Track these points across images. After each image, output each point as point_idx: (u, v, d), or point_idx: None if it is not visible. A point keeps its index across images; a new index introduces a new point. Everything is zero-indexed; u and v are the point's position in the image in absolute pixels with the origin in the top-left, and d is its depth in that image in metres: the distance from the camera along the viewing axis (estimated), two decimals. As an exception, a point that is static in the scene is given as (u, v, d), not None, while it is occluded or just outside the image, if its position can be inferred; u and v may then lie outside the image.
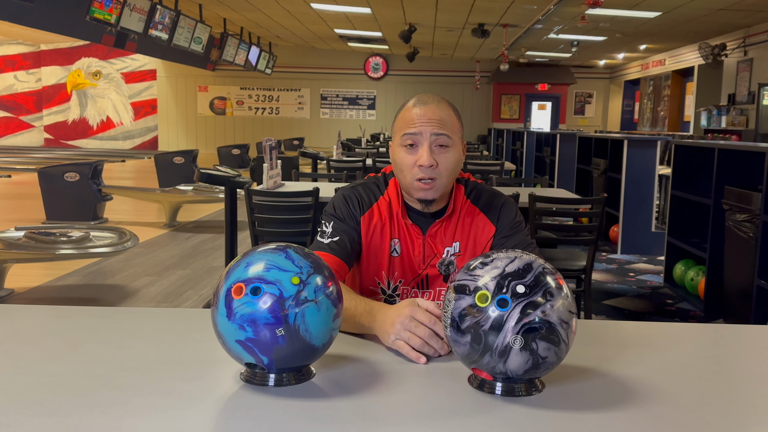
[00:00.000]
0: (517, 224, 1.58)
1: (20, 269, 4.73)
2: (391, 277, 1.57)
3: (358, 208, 1.57)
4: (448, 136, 1.47)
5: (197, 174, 4.22)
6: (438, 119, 1.46)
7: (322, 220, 1.58)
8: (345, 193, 1.60)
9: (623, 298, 4.61)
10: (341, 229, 1.54)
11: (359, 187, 1.61)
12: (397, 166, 1.51)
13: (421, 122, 1.46)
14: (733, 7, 9.76)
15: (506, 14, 11.22)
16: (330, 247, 1.51)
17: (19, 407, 0.97)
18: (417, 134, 1.46)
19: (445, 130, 1.46)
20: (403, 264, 1.56)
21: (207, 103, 19.99)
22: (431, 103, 1.48)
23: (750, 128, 10.87)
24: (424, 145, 1.45)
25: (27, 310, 1.52)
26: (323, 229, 1.55)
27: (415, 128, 1.46)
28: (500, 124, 17.60)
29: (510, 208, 1.59)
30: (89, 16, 8.52)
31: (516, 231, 1.56)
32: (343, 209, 1.57)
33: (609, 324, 1.84)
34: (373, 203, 1.58)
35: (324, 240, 1.53)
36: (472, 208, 1.58)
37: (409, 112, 1.49)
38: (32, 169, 10.77)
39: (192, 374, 1.11)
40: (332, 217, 1.57)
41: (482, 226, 1.57)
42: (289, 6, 12.02)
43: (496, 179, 5.20)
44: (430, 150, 1.45)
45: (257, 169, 7.73)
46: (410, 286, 1.57)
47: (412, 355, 1.18)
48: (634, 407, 1.02)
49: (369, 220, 1.56)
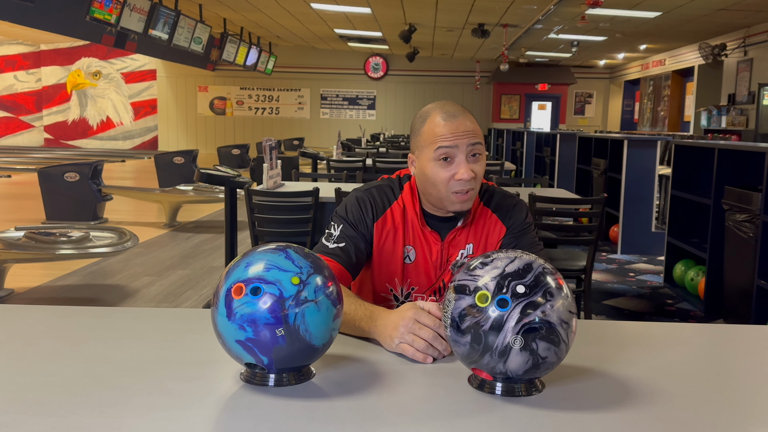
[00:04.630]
0: (527, 226, 1.58)
1: (20, 269, 4.73)
2: (404, 284, 1.56)
3: (372, 213, 1.55)
4: (480, 144, 1.46)
5: (197, 174, 4.22)
6: (471, 130, 1.45)
7: (332, 221, 1.55)
8: (359, 196, 1.57)
9: (623, 298, 4.61)
10: (349, 235, 1.52)
11: (374, 189, 1.59)
12: (430, 181, 1.47)
13: (455, 136, 1.43)
14: (733, 7, 9.76)
15: (506, 14, 11.22)
16: (334, 253, 1.49)
17: (19, 407, 0.97)
18: (452, 147, 1.43)
19: (478, 139, 1.46)
20: (418, 271, 1.55)
21: (207, 103, 19.98)
22: (459, 114, 1.46)
23: (750, 128, 10.88)
24: (461, 158, 1.44)
25: (27, 310, 1.52)
26: (331, 231, 1.53)
27: (449, 141, 1.43)
28: (500, 124, 17.59)
29: (521, 210, 1.59)
30: (89, 16, 8.52)
31: (525, 232, 1.57)
32: (355, 214, 1.54)
33: (609, 324, 1.84)
34: (387, 208, 1.56)
35: (329, 244, 1.51)
36: (485, 209, 1.58)
37: (438, 126, 1.45)
38: (32, 169, 10.77)
39: (192, 374, 1.11)
40: (343, 220, 1.54)
41: (494, 227, 1.57)
42: (289, 6, 12.02)
43: (496, 179, 5.20)
44: (467, 162, 1.44)
45: (257, 169, 7.73)
46: (426, 294, 1.56)
47: (419, 356, 1.18)
48: (634, 407, 1.02)
49: (382, 226, 1.55)
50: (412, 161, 1.54)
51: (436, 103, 1.51)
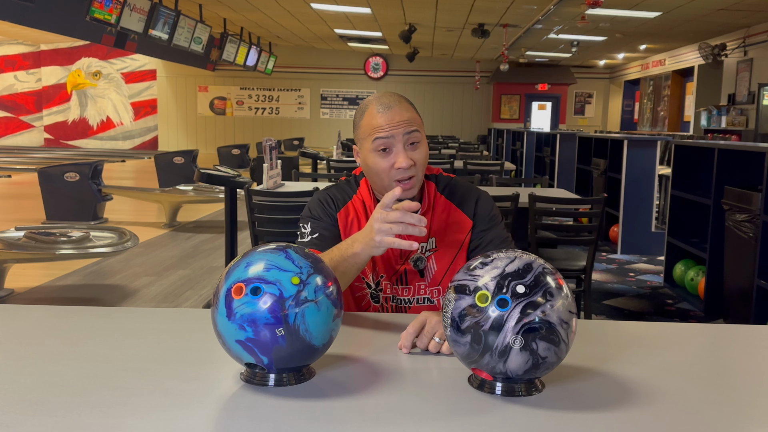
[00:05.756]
0: (494, 218, 1.59)
1: (20, 269, 4.73)
2: (373, 272, 1.59)
3: (333, 206, 1.60)
4: (418, 131, 1.50)
5: (197, 174, 4.22)
6: (406, 119, 1.49)
7: (300, 224, 1.60)
8: (319, 196, 1.63)
9: (623, 298, 4.61)
10: (320, 227, 1.56)
11: (333, 188, 1.65)
12: (372, 171, 1.52)
13: (390, 126, 1.48)
14: (733, 7, 9.76)
15: (506, 14, 11.22)
16: (313, 243, 1.53)
17: (19, 407, 0.97)
18: (389, 137, 1.48)
19: (414, 127, 1.49)
20: (383, 259, 1.57)
21: (207, 103, 19.98)
22: (394, 105, 1.50)
23: (750, 128, 10.87)
24: (398, 147, 1.48)
25: (27, 310, 1.52)
26: (302, 231, 1.57)
27: (385, 132, 1.48)
28: (500, 124, 17.59)
29: (486, 202, 1.60)
30: (89, 16, 8.52)
31: (493, 225, 1.58)
32: (318, 210, 1.60)
33: (609, 324, 1.84)
34: (347, 201, 1.61)
35: (305, 240, 1.55)
36: (448, 203, 1.59)
37: (374, 117, 1.50)
38: (32, 169, 10.77)
39: (192, 374, 1.11)
40: (309, 218, 1.59)
41: (459, 221, 1.58)
42: (289, 6, 12.02)
43: (495, 179, 5.20)
44: (405, 150, 1.48)
45: (257, 169, 7.73)
46: (391, 282, 1.59)
47: (404, 244, 1.28)
48: (634, 407, 1.02)
49: (345, 216, 1.59)
50: (357, 153, 1.59)
51: (375, 94, 1.56)
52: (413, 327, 1.23)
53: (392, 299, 1.59)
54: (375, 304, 1.60)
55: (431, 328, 1.22)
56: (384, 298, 1.59)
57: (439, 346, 1.21)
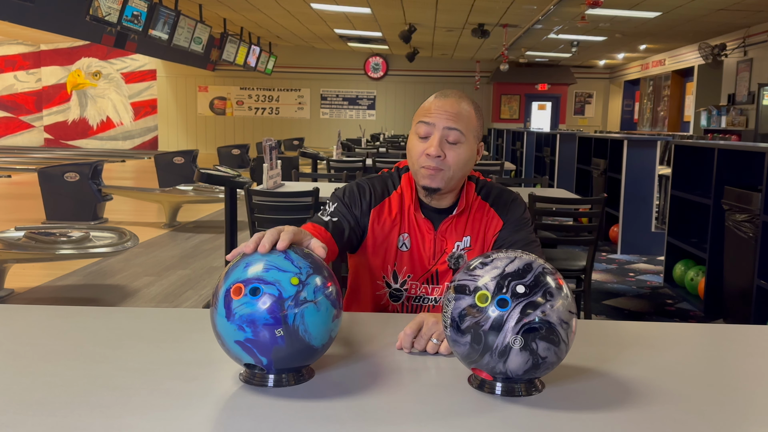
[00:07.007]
0: (523, 220, 1.60)
1: (20, 269, 4.72)
2: (399, 271, 1.59)
3: (369, 199, 1.60)
4: (460, 132, 1.48)
5: (197, 174, 4.22)
6: (454, 113, 1.48)
7: (330, 199, 1.61)
8: (360, 182, 1.63)
9: (623, 298, 4.61)
10: (343, 214, 1.57)
11: (375, 179, 1.65)
12: (409, 152, 1.55)
13: (437, 113, 1.48)
14: (733, 7, 9.76)
15: (506, 14, 11.22)
16: (327, 223, 1.53)
17: (19, 407, 0.97)
18: (430, 124, 1.49)
19: (459, 126, 1.48)
20: (413, 259, 1.58)
21: (207, 103, 19.98)
22: (451, 96, 1.51)
23: (750, 128, 10.87)
24: (435, 136, 1.48)
25: (27, 310, 1.52)
26: (327, 207, 1.58)
27: (429, 118, 1.49)
28: (500, 124, 17.59)
29: (519, 205, 1.62)
30: (89, 16, 8.51)
31: (522, 227, 1.58)
32: (352, 197, 1.60)
33: (609, 324, 1.84)
34: (386, 197, 1.61)
35: (324, 217, 1.56)
36: (483, 204, 1.61)
37: (428, 102, 1.52)
38: (32, 169, 10.77)
39: (191, 374, 1.11)
40: (339, 199, 1.60)
41: (492, 221, 1.59)
42: (289, 6, 12.02)
43: (495, 179, 5.19)
44: (440, 142, 1.48)
45: (257, 169, 7.73)
46: (420, 282, 1.59)
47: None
48: (634, 407, 1.02)
49: (379, 214, 1.59)
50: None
51: None
52: (411, 328, 1.23)
53: (415, 299, 1.60)
54: (394, 303, 1.61)
55: (429, 329, 1.22)
56: (406, 298, 1.60)
57: (436, 347, 1.21)
